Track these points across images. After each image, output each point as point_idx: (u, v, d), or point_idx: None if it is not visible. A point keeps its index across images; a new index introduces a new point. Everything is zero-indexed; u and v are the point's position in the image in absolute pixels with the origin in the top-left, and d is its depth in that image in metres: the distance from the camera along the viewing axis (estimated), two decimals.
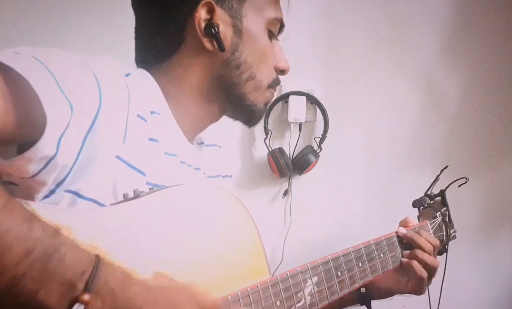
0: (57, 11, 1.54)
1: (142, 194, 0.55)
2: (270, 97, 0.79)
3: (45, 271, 0.40)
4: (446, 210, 1.08)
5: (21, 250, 0.39)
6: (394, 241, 0.91)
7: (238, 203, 0.65)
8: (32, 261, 0.39)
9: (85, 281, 0.41)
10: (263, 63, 0.74)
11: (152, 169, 0.63)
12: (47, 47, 0.54)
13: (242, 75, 0.72)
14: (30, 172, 0.50)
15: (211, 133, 0.84)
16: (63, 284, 0.40)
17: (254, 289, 0.61)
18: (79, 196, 0.54)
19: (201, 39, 0.69)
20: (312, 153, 1.57)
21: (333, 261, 0.75)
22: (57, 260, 0.41)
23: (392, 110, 1.67)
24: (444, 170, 1.11)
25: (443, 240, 1.04)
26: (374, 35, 1.67)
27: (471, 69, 1.69)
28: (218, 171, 0.84)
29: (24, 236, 0.40)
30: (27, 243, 0.40)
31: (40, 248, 0.40)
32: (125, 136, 0.58)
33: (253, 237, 0.66)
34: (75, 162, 0.53)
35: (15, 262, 0.39)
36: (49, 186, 0.52)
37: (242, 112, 0.77)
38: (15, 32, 1.51)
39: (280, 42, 0.80)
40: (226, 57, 0.71)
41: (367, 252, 0.83)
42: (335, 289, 0.74)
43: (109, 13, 1.56)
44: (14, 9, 1.54)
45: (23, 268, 0.39)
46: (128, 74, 0.63)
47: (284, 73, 0.79)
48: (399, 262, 0.90)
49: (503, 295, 1.67)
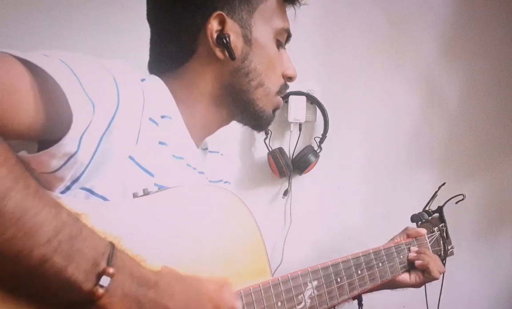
0: (57, 11, 1.55)
1: (151, 193, 0.57)
2: (279, 103, 0.83)
3: (72, 249, 0.44)
4: (444, 226, 1.09)
5: (51, 229, 0.43)
6: (393, 252, 0.93)
7: (240, 203, 0.66)
8: (60, 240, 0.44)
9: (107, 259, 0.46)
10: (271, 71, 0.78)
11: (160, 171, 0.65)
12: (71, 51, 0.57)
13: (251, 82, 0.75)
14: (51, 167, 0.53)
15: (213, 138, 0.86)
16: (88, 261, 0.45)
17: (256, 289, 0.63)
18: (92, 193, 0.56)
19: (213, 49, 0.73)
20: (312, 153, 1.57)
21: (333, 267, 0.77)
22: (82, 240, 0.45)
23: (392, 110, 1.67)
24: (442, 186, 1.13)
25: (440, 254, 1.06)
26: (374, 35, 1.67)
27: (471, 69, 1.69)
28: (219, 177, 0.87)
29: (53, 217, 0.44)
30: (55, 223, 0.44)
31: (67, 229, 0.44)
32: (138, 138, 0.61)
33: (255, 237, 0.67)
34: (91, 160, 0.55)
35: (46, 240, 0.43)
36: (65, 182, 0.55)
37: (250, 118, 0.80)
38: (15, 32, 1.52)
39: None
40: (237, 66, 0.74)
41: (366, 261, 0.85)
42: (335, 294, 0.76)
43: (109, 13, 1.56)
44: (14, 9, 1.55)
45: (53, 246, 0.43)
46: (143, 79, 0.67)
47: (292, 80, 0.83)
48: (398, 273, 0.94)
49: (503, 295, 1.68)
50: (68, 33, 1.53)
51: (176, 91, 0.74)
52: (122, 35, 1.46)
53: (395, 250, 0.94)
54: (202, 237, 0.60)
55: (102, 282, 0.45)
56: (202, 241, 0.60)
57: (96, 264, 0.45)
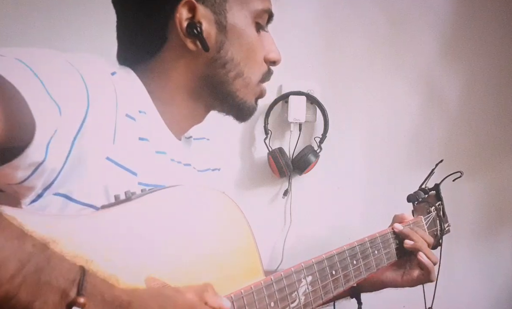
0: (57, 11, 1.54)
1: (134, 196, 0.53)
2: (262, 92, 0.75)
3: (39, 282, 0.41)
4: (440, 204, 1.07)
5: (15, 265, 0.40)
6: (389, 238, 0.90)
7: (229, 202, 0.64)
8: (25, 274, 0.40)
9: (77, 287, 0.42)
10: (251, 59, 0.71)
11: (144, 169, 0.61)
12: (30, 47, 0.53)
13: (229, 73, 0.70)
14: (17, 178, 0.49)
15: (205, 129, 0.83)
16: (57, 293, 0.41)
17: (248, 291, 0.60)
18: (70, 199, 0.54)
19: (184, 40, 0.67)
20: (312, 154, 1.57)
21: (328, 260, 0.74)
22: (49, 271, 0.41)
23: (392, 110, 1.67)
24: (440, 164, 1.11)
25: (437, 234, 1.04)
26: (374, 35, 1.66)
27: (471, 69, 1.69)
28: (207, 165, 0.83)
29: (16, 251, 0.40)
30: (20, 257, 0.40)
31: (32, 262, 0.41)
32: (114, 137, 0.57)
33: (246, 236, 0.65)
34: (63, 165, 0.52)
35: (9, 276, 0.39)
36: (37, 190, 0.52)
37: (231, 109, 0.74)
38: (15, 32, 1.51)
39: (279, 42, 0.78)
40: (211, 56, 0.68)
41: (362, 250, 0.82)
42: (330, 288, 0.73)
43: (109, 13, 1.55)
44: (14, 9, 1.54)
45: (18, 281, 0.40)
46: (113, 73, 0.61)
47: (275, 64, 0.75)
48: (394, 259, 0.90)
49: (503, 295, 1.67)
50: (68, 33, 1.53)
51: (149, 84, 0.68)
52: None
53: (390, 236, 0.91)
54: (190, 241, 0.58)
55: None
56: (191, 246, 0.58)
57: (66, 295, 0.42)
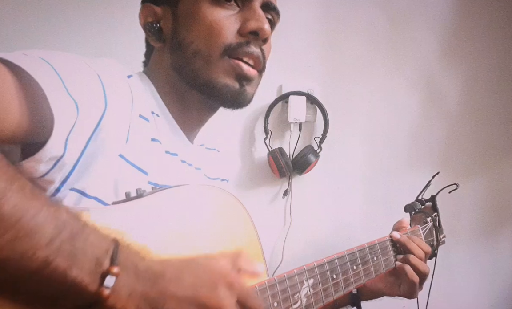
0: (57, 11, 1.55)
1: (145, 193, 0.55)
2: (234, 67, 0.69)
3: (74, 249, 0.41)
4: (436, 215, 1.09)
5: (51, 230, 0.40)
6: (387, 245, 0.92)
7: (237, 203, 0.66)
8: (61, 240, 0.41)
9: (110, 257, 0.43)
10: (210, 35, 0.68)
11: (154, 168, 0.63)
12: (52, 50, 0.55)
13: (184, 54, 0.70)
14: (39, 172, 0.51)
15: (211, 136, 0.85)
16: (91, 261, 0.42)
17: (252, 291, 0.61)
18: (84, 194, 0.55)
19: (150, 41, 0.75)
20: (312, 154, 1.57)
21: (329, 264, 0.76)
22: (83, 239, 0.42)
23: (392, 110, 1.67)
24: (436, 176, 1.11)
25: (433, 244, 1.05)
26: (374, 35, 1.67)
27: (471, 69, 1.69)
28: (217, 174, 0.85)
29: (52, 218, 0.41)
30: (56, 224, 0.41)
31: (68, 228, 0.42)
32: (128, 136, 0.59)
33: (252, 237, 0.66)
34: (78, 160, 0.53)
35: (46, 241, 0.40)
36: (55, 184, 0.53)
37: (210, 94, 0.71)
38: (15, 32, 1.52)
39: (279, 41, 0.79)
40: (169, 45, 0.73)
41: (361, 255, 0.84)
42: (330, 292, 0.75)
43: (109, 13, 1.56)
44: (14, 9, 1.55)
45: (55, 247, 0.40)
46: (129, 76, 0.65)
47: (259, 35, 0.69)
48: (392, 266, 0.92)
49: (503, 295, 1.67)
50: (68, 33, 1.53)
51: (158, 86, 0.73)
52: (122, 35, 1.46)
53: (389, 244, 0.92)
54: (198, 239, 0.59)
55: (107, 283, 0.42)
56: (198, 243, 0.59)
57: (100, 264, 0.43)
